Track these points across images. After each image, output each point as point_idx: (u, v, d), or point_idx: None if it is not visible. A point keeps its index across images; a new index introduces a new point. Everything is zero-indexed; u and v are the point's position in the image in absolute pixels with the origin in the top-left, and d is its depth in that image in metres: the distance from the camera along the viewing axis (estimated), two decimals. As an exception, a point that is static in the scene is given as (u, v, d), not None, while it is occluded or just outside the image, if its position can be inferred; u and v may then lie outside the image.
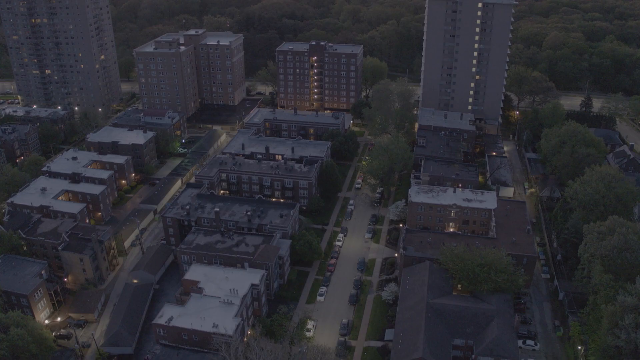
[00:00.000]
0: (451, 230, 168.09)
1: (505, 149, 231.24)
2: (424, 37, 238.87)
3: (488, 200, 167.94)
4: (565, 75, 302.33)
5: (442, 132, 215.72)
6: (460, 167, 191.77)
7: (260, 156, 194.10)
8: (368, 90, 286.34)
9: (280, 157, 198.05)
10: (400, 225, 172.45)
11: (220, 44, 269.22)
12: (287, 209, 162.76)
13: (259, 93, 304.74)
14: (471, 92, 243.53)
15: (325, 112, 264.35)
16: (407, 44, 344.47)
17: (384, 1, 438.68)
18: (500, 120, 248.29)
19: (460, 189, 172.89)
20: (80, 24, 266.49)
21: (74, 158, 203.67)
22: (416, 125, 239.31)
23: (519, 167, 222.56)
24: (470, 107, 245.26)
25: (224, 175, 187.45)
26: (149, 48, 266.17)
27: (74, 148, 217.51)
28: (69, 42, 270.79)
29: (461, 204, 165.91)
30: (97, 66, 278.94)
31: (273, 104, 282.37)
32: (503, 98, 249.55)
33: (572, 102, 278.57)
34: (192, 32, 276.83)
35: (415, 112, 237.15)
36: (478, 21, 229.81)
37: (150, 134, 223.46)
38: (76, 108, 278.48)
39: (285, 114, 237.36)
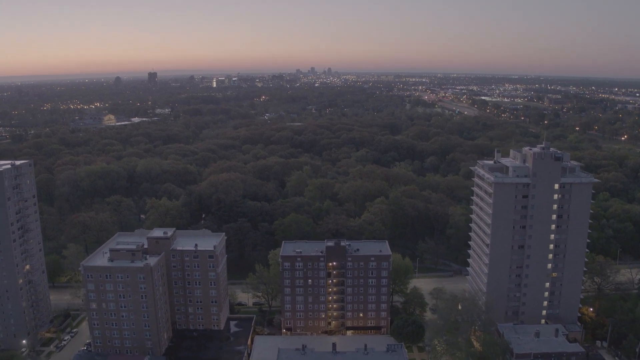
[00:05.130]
0: None
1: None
2: (489, 231, 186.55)
3: None
4: (593, 247, 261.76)
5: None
6: None
7: None
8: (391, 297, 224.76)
9: None
10: None
11: (200, 249, 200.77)
12: None
13: (240, 304, 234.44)
14: (546, 294, 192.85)
15: (346, 333, 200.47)
16: (401, 223, 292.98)
17: (340, 170, 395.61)
18: (579, 324, 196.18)
19: None
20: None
21: None
22: (475, 343, 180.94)
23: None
24: (544, 312, 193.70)
25: None
26: (101, 260, 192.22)
27: None
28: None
29: None
30: (21, 281, 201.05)
31: (270, 325, 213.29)
32: (582, 296, 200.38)
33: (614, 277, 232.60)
34: (158, 232, 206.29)
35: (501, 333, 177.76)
36: (554, 206, 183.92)
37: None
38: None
39: (322, 356, 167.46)
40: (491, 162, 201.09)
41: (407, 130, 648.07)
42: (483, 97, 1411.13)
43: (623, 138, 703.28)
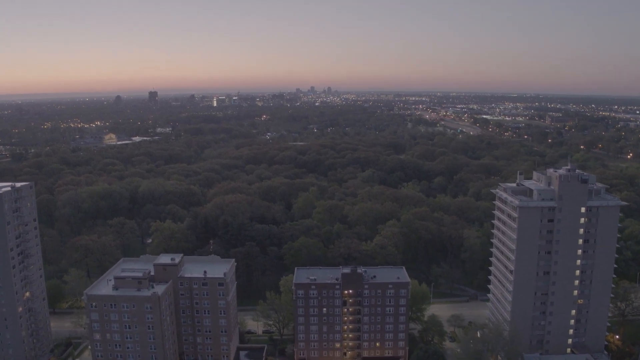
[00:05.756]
0: None
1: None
2: (514, 257, 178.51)
3: None
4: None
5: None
6: None
7: None
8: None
9: None
10: None
11: (209, 276, 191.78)
12: None
13: (249, 332, 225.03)
14: (572, 322, 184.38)
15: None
16: (413, 246, 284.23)
17: (348, 192, 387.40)
18: (606, 352, 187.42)
19: None
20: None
21: None
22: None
23: None
24: (570, 340, 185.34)
25: None
26: (105, 288, 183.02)
27: None
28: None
29: None
30: (21, 309, 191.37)
31: (282, 355, 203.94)
32: (609, 324, 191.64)
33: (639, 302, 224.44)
34: (165, 259, 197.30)
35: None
36: (581, 230, 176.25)
37: None
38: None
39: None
40: (513, 184, 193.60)
41: (411, 149, 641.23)
42: (484, 116, 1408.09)
43: (628, 156, 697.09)
